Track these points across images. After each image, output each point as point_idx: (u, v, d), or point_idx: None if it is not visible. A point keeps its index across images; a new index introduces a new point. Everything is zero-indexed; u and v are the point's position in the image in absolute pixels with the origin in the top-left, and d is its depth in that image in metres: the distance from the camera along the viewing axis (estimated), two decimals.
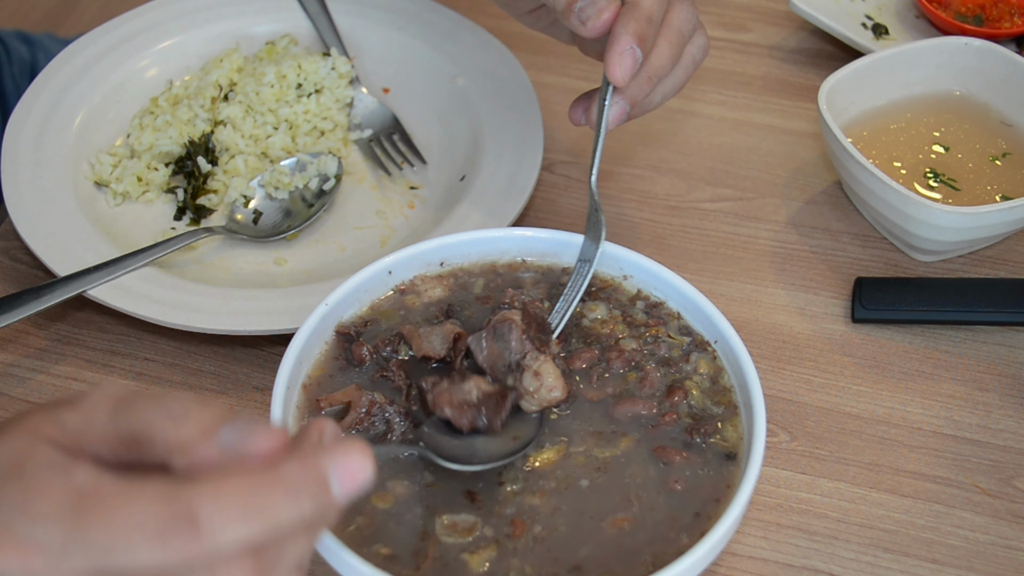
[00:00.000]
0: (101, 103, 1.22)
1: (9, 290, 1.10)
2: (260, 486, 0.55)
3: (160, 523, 0.54)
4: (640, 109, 0.96)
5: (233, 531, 0.54)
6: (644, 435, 0.85)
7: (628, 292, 0.94)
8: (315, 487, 0.57)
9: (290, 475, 0.56)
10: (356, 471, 0.58)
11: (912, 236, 1.09)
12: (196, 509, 0.54)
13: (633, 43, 0.88)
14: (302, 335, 0.86)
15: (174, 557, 0.54)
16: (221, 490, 0.55)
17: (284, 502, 0.56)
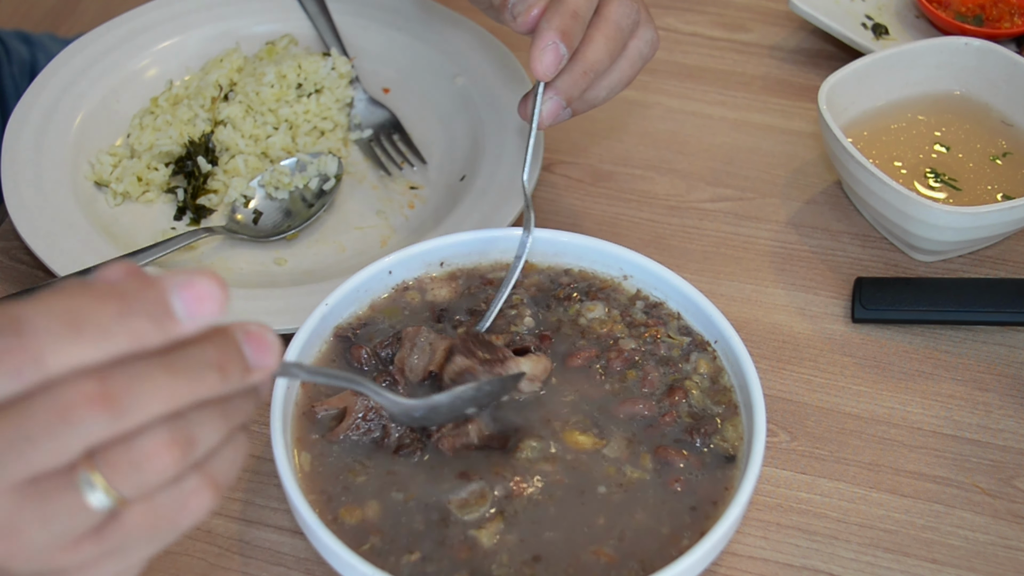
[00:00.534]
0: (101, 103, 1.22)
1: (9, 290, 1.10)
2: (89, 296, 0.52)
3: None
4: (584, 104, 0.96)
5: (62, 341, 0.51)
6: (644, 435, 0.85)
7: (628, 292, 0.94)
8: (151, 304, 0.52)
9: (125, 288, 0.53)
10: (203, 293, 0.53)
11: (912, 236, 1.09)
12: (20, 316, 0.51)
13: (556, 38, 0.88)
14: (302, 335, 0.86)
15: (4, 372, 0.51)
16: (49, 300, 0.51)
17: (113, 314, 0.51)
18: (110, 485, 0.53)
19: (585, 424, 0.85)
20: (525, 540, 0.78)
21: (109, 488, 0.53)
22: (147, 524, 0.55)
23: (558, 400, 0.87)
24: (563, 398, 0.87)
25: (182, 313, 0.53)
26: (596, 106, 0.97)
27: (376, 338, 0.90)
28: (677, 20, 1.41)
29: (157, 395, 0.53)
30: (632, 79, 0.97)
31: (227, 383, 0.55)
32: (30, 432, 0.51)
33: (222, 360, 0.55)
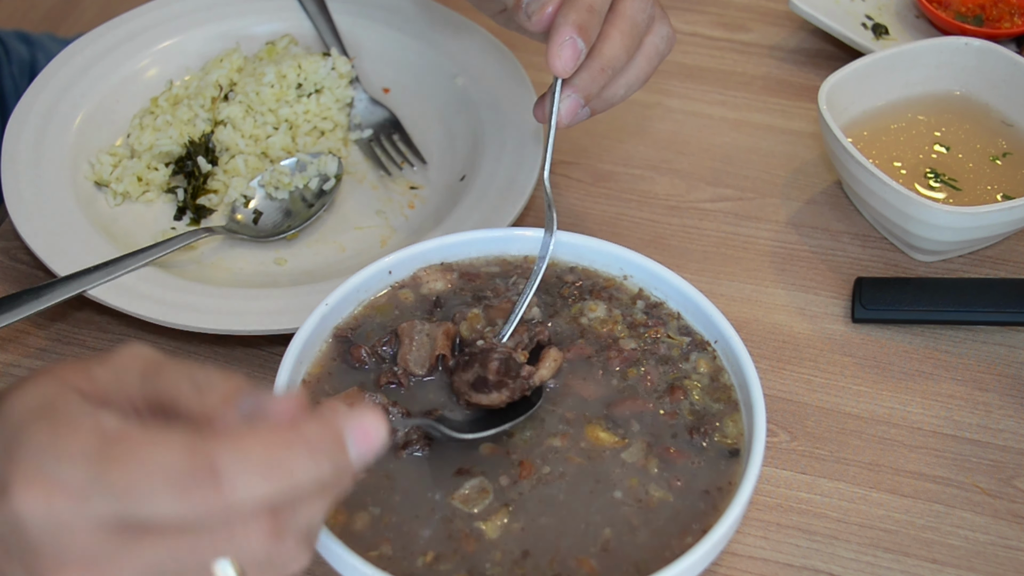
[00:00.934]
0: (101, 103, 1.22)
1: (9, 290, 1.10)
2: (281, 443, 0.56)
3: (182, 473, 0.54)
4: (603, 103, 0.95)
5: (254, 486, 0.54)
6: (644, 434, 0.85)
7: (629, 292, 0.94)
8: (333, 446, 0.57)
9: (310, 433, 0.57)
10: (371, 432, 0.58)
11: (912, 236, 1.09)
12: (218, 461, 0.54)
13: (573, 33, 0.87)
14: (302, 335, 0.86)
15: (194, 509, 0.54)
16: (243, 445, 0.55)
17: (304, 459, 0.56)
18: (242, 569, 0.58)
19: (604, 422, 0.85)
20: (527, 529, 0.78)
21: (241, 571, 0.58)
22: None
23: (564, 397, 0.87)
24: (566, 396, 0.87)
25: (354, 452, 0.58)
26: (614, 105, 0.97)
27: (374, 336, 0.90)
28: (677, 20, 1.41)
29: (312, 516, 0.59)
30: (649, 76, 0.97)
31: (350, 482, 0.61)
32: (199, 554, 0.56)
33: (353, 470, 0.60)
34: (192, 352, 1.06)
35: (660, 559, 0.77)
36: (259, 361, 1.05)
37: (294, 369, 0.85)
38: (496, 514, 0.80)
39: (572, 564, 0.77)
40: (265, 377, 1.04)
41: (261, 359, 1.05)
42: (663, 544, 0.79)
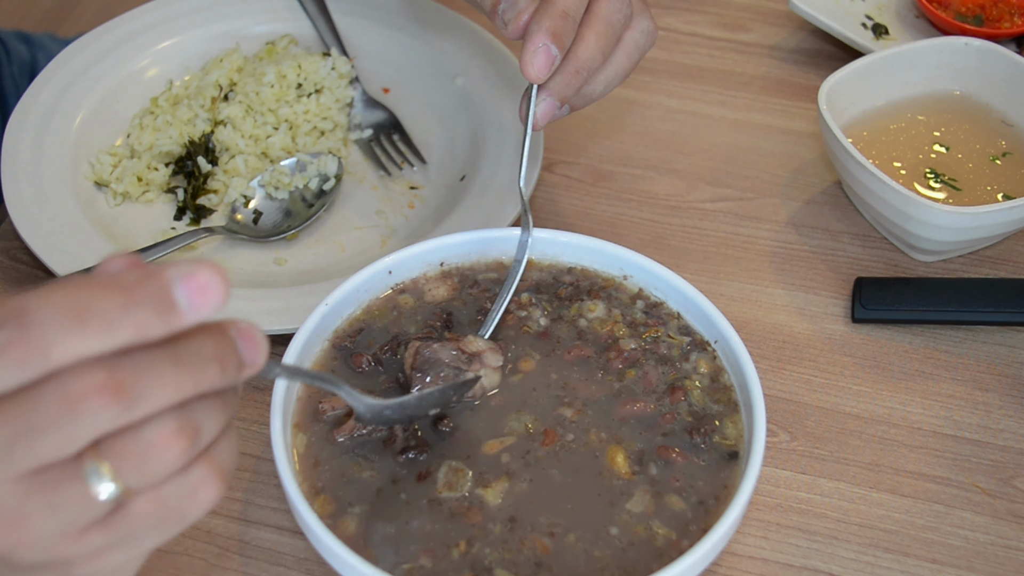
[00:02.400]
0: (101, 103, 1.22)
1: (9, 290, 1.10)
2: (92, 288, 0.52)
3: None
4: (581, 99, 0.96)
5: (66, 333, 0.51)
6: (644, 434, 0.85)
7: (629, 291, 0.94)
8: (155, 295, 0.53)
9: (128, 279, 0.53)
10: (205, 285, 0.55)
11: (912, 236, 1.09)
12: (24, 309, 0.51)
13: (547, 40, 0.87)
14: (302, 335, 0.86)
15: (10, 365, 0.51)
16: (52, 292, 0.52)
17: (120, 305, 0.52)
18: (118, 475, 0.54)
19: (585, 429, 0.85)
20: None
21: (117, 477, 0.54)
22: (155, 514, 0.56)
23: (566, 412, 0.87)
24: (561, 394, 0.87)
25: (184, 304, 0.54)
26: (594, 100, 0.97)
27: (375, 344, 0.90)
28: (677, 20, 1.41)
29: (164, 386, 0.53)
30: (630, 71, 0.97)
31: (225, 377, 0.56)
32: (37, 422, 0.52)
33: (221, 355, 0.56)
34: None
35: (662, 557, 0.78)
36: None
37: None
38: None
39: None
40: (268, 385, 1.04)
41: None
42: (663, 544, 0.79)
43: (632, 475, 0.82)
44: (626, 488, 0.81)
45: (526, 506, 0.80)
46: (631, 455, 0.83)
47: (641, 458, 0.83)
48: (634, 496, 0.81)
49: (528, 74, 0.89)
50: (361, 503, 0.80)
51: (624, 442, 0.83)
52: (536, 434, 0.84)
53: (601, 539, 0.79)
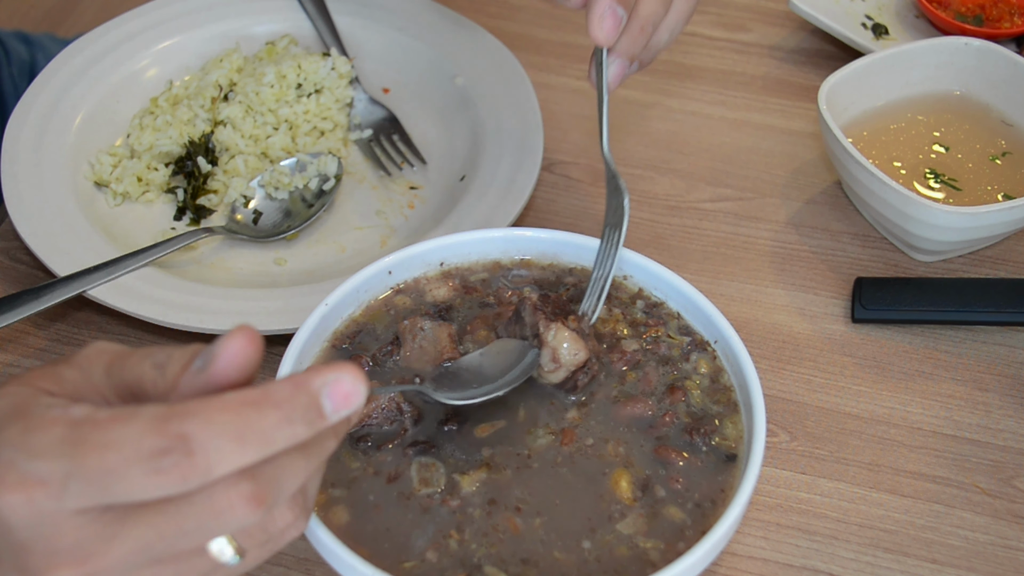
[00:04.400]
0: (101, 103, 1.22)
1: (9, 290, 1.10)
2: (251, 407, 0.55)
3: (155, 450, 0.54)
4: (650, 52, 0.96)
5: (228, 455, 0.54)
6: (644, 435, 0.85)
7: (629, 291, 0.94)
8: (307, 407, 0.57)
9: (281, 396, 0.56)
10: (349, 392, 0.58)
11: (912, 236, 1.09)
12: (188, 433, 0.54)
13: (612, 3, 0.88)
14: (302, 335, 0.86)
15: (171, 485, 0.54)
16: (213, 414, 0.55)
17: (276, 423, 0.55)
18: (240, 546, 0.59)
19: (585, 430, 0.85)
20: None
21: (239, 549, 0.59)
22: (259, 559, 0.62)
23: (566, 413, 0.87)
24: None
25: (331, 412, 0.58)
26: (662, 49, 0.97)
27: (373, 346, 0.90)
28: None
29: (296, 479, 0.59)
30: (691, 14, 0.97)
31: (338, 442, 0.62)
32: (185, 528, 0.56)
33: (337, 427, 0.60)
34: None
35: (662, 558, 0.78)
36: None
37: (294, 369, 0.85)
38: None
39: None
40: (265, 377, 1.04)
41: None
42: (663, 545, 0.79)
43: (633, 501, 0.81)
44: (624, 511, 0.81)
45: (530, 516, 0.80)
46: (636, 480, 0.82)
47: (646, 484, 0.82)
48: (627, 518, 0.80)
49: (597, 38, 0.89)
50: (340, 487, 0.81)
51: (633, 466, 0.83)
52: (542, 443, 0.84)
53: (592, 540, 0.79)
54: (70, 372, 0.61)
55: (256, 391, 0.56)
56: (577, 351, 0.85)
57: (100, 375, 0.60)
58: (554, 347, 0.85)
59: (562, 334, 0.85)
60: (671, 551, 0.78)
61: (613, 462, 0.83)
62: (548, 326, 0.85)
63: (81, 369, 0.61)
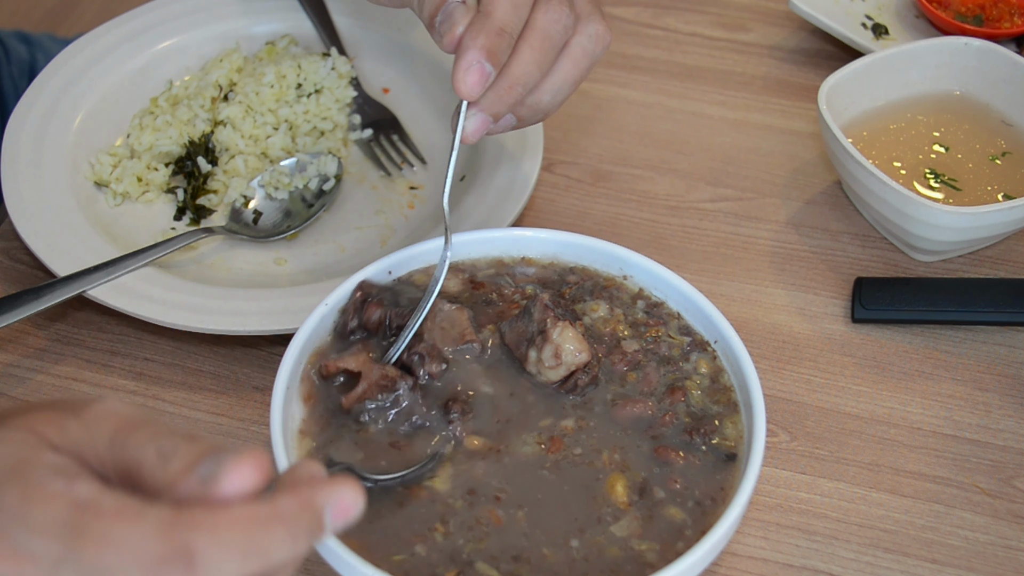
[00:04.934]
0: (101, 103, 1.22)
1: (9, 290, 1.10)
2: (259, 524, 0.55)
3: (156, 556, 0.53)
4: (529, 110, 0.92)
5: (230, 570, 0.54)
6: (644, 436, 0.85)
7: (630, 291, 0.94)
8: (311, 523, 0.57)
9: (287, 512, 0.56)
10: (349, 506, 0.58)
11: (912, 236, 1.09)
12: (193, 546, 0.53)
13: (480, 57, 0.84)
14: (302, 335, 0.86)
15: None
16: (219, 527, 0.54)
17: (281, 540, 0.56)
18: None
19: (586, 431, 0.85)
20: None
21: None
22: None
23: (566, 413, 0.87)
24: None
25: (331, 525, 0.58)
26: (547, 112, 0.93)
27: (397, 304, 0.90)
28: (677, 20, 1.41)
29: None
30: (580, 78, 0.93)
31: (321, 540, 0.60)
32: None
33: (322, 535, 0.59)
34: (192, 352, 1.06)
35: (662, 558, 0.78)
36: (259, 361, 1.05)
37: (294, 369, 0.85)
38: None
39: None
40: (265, 377, 1.04)
41: (261, 359, 1.05)
42: (663, 545, 0.79)
43: (628, 505, 0.81)
44: (617, 514, 0.81)
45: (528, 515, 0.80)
46: (632, 484, 0.82)
47: (644, 488, 0.82)
48: (621, 520, 0.80)
49: (459, 91, 0.85)
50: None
51: (629, 470, 0.83)
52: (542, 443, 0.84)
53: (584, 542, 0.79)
54: (75, 428, 0.59)
55: (265, 508, 0.56)
56: (580, 351, 0.85)
57: (104, 442, 0.59)
58: (558, 344, 0.85)
59: (567, 332, 0.85)
60: (670, 551, 0.78)
61: (607, 469, 0.82)
62: (555, 323, 0.86)
63: (87, 429, 0.59)
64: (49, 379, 1.04)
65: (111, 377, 1.04)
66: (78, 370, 1.05)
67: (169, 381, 1.04)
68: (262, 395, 1.03)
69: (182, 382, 1.04)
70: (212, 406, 1.02)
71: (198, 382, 1.04)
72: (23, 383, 1.04)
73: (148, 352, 1.06)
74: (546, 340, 0.86)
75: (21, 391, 1.03)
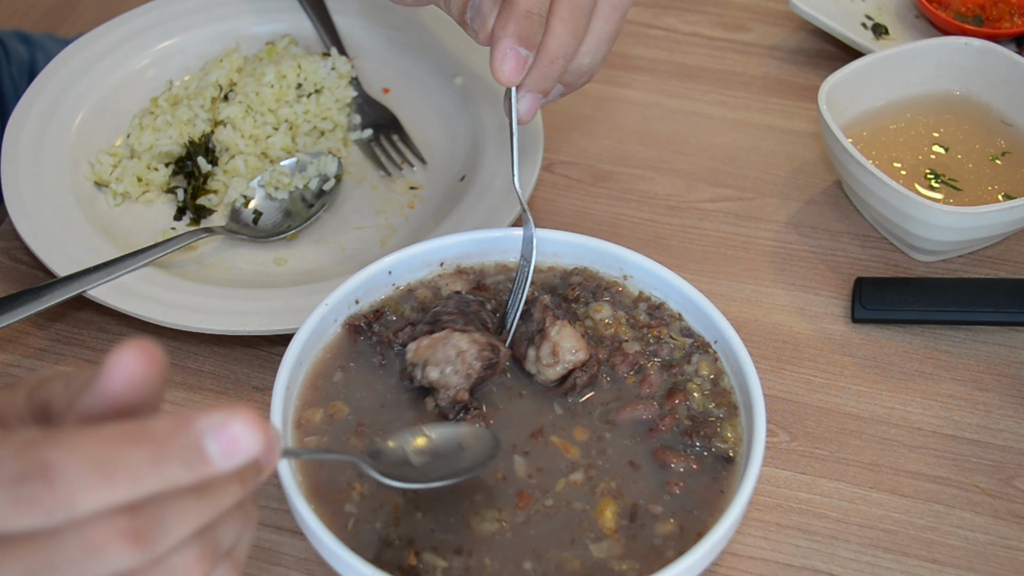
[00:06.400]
0: (101, 103, 1.22)
1: (9, 290, 1.10)
2: (121, 441, 0.51)
3: (14, 475, 0.51)
4: (573, 76, 0.94)
5: (92, 488, 0.51)
6: (644, 437, 0.85)
7: (631, 293, 0.94)
8: (185, 450, 0.52)
9: (158, 432, 0.52)
10: (239, 438, 0.53)
11: (912, 236, 1.09)
12: (51, 463, 0.51)
13: (513, 44, 0.86)
14: (302, 335, 0.86)
15: (34, 516, 0.51)
16: (80, 444, 0.51)
17: (146, 461, 0.51)
18: None
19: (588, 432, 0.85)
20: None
21: None
22: None
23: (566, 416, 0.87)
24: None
25: (216, 455, 0.53)
26: (592, 72, 0.95)
27: (388, 329, 0.90)
28: (677, 20, 1.41)
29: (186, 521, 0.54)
30: (616, 32, 0.94)
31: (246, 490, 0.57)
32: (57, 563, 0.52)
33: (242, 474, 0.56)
34: (192, 352, 1.06)
35: (662, 558, 0.78)
36: (259, 361, 1.05)
37: (294, 369, 0.85)
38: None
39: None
40: (265, 377, 1.04)
41: (261, 359, 1.05)
42: (663, 546, 0.79)
43: (615, 532, 0.80)
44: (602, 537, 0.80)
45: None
46: (622, 510, 0.81)
47: (634, 513, 0.81)
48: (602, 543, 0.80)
49: (499, 80, 0.87)
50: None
51: (622, 496, 0.82)
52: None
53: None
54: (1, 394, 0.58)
55: (133, 424, 0.52)
56: (577, 350, 0.85)
57: (23, 397, 0.58)
58: (556, 342, 0.85)
59: (565, 331, 0.85)
60: (669, 553, 0.78)
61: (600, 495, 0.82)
62: (554, 322, 0.86)
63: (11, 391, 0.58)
64: None
65: None
66: (78, 370, 1.05)
67: (169, 381, 1.04)
68: (262, 395, 1.03)
69: (182, 382, 1.04)
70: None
71: (198, 382, 1.04)
72: None
73: None
74: (544, 338, 0.86)
75: None
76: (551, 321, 0.86)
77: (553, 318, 0.86)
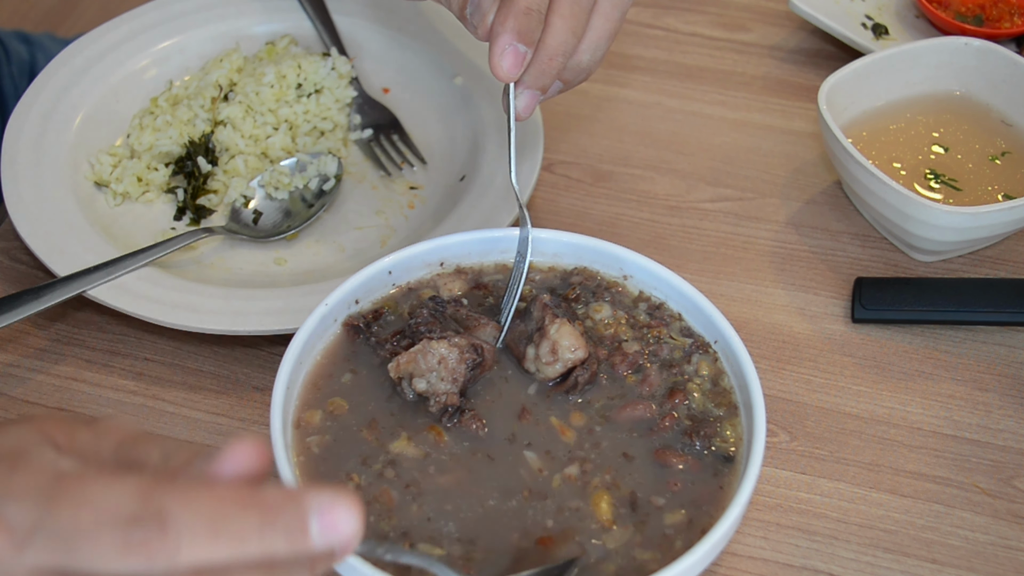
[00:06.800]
0: (101, 103, 1.22)
1: (9, 290, 1.10)
2: (235, 503, 0.53)
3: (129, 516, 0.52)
4: (573, 73, 0.93)
5: (198, 542, 0.52)
6: (644, 438, 0.85)
7: (631, 293, 0.94)
8: (291, 522, 0.54)
9: (268, 501, 0.54)
10: (341, 523, 0.55)
11: (912, 236, 1.09)
12: (167, 510, 0.52)
13: (512, 40, 0.86)
14: (302, 335, 0.86)
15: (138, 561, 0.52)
16: (196, 497, 0.53)
17: (254, 527, 0.53)
18: None
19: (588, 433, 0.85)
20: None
21: None
22: None
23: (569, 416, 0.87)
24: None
25: (316, 535, 0.54)
26: (590, 69, 0.94)
27: (387, 329, 0.90)
28: (677, 20, 1.41)
29: None
30: (615, 31, 0.94)
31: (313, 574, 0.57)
32: None
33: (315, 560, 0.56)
34: (192, 352, 1.06)
35: (662, 558, 0.78)
36: (259, 361, 1.05)
37: (294, 369, 0.85)
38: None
39: None
40: (265, 377, 1.04)
41: (261, 359, 1.05)
42: (663, 546, 0.79)
43: (612, 523, 0.80)
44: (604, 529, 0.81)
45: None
46: (617, 500, 0.81)
47: (633, 502, 0.81)
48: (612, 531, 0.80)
49: (497, 76, 0.87)
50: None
51: (617, 487, 0.82)
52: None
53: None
54: (84, 435, 0.59)
55: (247, 491, 0.54)
56: (576, 348, 0.86)
57: (110, 448, 0.58)
58: (555, 340, 0.86)
59: (564, 329, 0.86)
60: (669, 552, 0.78)
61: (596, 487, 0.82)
62: (553, 321, 0.86)
63: (96, 436, 0.59)
64: (49, 379, 1.04)
65: (111, 377, 1.04)
66: (78, 370, 1.05)
67: (169, 381, 1.04)
68: (262, 395, 1.03)
69: (182, 382, 1.04)
70: (212, 406, 1.02)
71: (198, 382, 1.04)
72: (23, 383, 1.04)
73: (148, 352, 1.06)
74: (543, 336, 0.86)
75: (21, 391, 1.03)
76: (550, 319, 0.86)
77: (552, 316, 0.86)
